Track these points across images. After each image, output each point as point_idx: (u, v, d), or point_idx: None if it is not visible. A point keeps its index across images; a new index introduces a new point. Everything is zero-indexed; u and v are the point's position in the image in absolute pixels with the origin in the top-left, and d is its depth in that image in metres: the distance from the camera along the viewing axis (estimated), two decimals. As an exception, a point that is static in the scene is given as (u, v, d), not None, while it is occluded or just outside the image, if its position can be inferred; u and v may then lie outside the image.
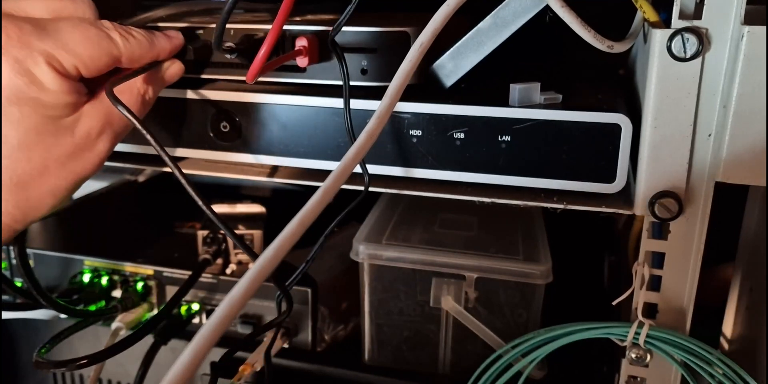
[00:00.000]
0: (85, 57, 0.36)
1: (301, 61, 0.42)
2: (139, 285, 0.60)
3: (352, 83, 0.43)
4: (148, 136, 0.37)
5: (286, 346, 0.57)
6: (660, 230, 0.42)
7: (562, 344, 0.44)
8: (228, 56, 0.42)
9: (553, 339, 0.45)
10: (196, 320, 0.60)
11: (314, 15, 0.48)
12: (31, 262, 0.62)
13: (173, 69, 0.43)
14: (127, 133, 0.41)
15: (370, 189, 0.45)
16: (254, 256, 0.38)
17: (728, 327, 0.53)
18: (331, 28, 0.41)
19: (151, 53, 0.41)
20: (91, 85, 0.39)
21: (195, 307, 0.60)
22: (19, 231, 0.39)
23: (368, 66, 0.43)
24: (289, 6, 0.36)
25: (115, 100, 0.36)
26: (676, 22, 0.37)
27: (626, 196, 0.43)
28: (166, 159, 0.37)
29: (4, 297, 0.62)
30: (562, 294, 0.54)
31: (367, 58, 0.43)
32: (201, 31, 0.45)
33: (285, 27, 0.41)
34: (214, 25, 0.44)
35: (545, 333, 0.45)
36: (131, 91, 0.41)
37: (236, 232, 0.61)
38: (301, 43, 0.42)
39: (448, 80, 0.44)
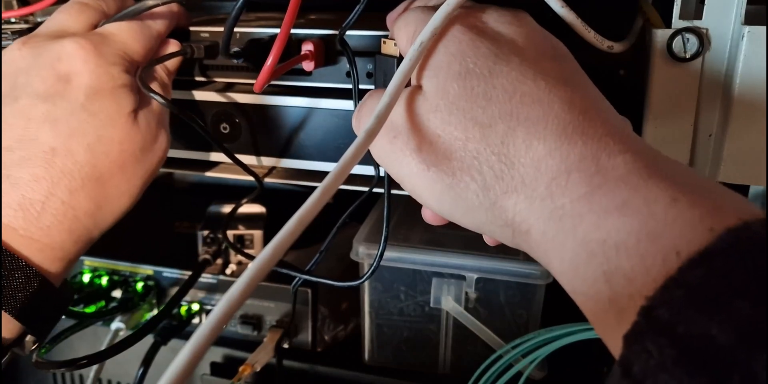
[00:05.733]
0: (140, 48, 0.39)
1: (308, 66, 0.42)
2: (139, 285, 0.60)
3: (360, 87, 0.42)
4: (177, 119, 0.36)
5: (286, 346, 0.57)
6: (660, 230, 0.42)
7: (562, 344, 0.44)
8: (235, 61, 0.42)
9: (553, 339, 0.45)
10: (195, 320, 0.60)
11: (319, 17, 0.48)
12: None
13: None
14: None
15: (373, 190, 0.45)
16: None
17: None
18: (336, 32, 0.40)
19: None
20: None
21: (195, 307, 0.60)
22: (95, 239, 0.38)
23: (374, 69, 0.42)
24: (295, 11, 0.36)
25: (147, 88, 0.37)
26: (677, 22, 0.37)
27: (626, 196, 0.43)
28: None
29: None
30: (562, 294, 0.54)
31: (373, 62, 0.42)
32: (206, 34, 0.45)
33: (291, 31, 0.41)
34: (208, 28, 0.44)
35: (545, 333, 0.45)
36: (157, 78, 0.41)
37: (236, 232, 0.61)
38: (307, 47, 0.41)
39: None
